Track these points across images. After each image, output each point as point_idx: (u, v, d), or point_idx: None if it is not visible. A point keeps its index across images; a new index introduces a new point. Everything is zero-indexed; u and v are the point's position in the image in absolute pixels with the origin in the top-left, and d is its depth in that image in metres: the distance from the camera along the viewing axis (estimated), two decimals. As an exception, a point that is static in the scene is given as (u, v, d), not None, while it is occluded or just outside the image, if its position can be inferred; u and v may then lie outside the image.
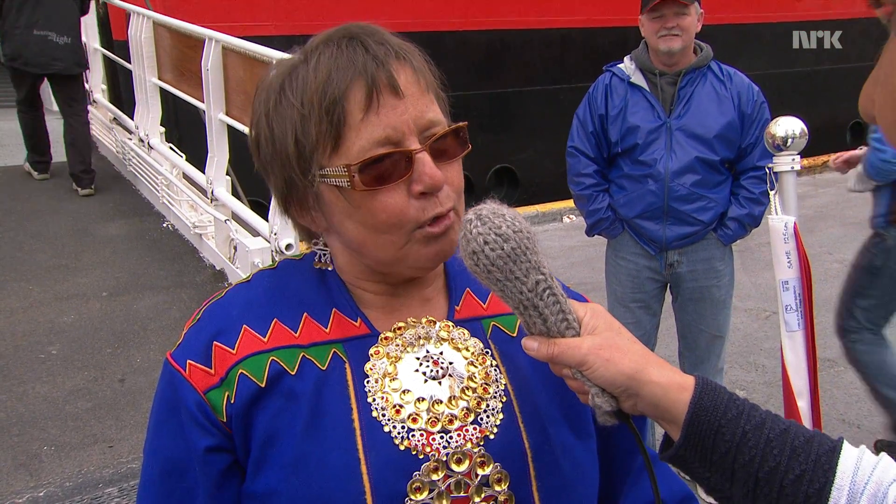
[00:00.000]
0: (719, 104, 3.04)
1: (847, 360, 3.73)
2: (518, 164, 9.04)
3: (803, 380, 2.56)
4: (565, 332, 0.83)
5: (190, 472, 0.89)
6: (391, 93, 0.86)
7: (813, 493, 0.76)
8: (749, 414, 0.80)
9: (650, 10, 2.96)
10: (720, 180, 3.07)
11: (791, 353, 2.57)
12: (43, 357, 3.88)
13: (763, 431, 0.79)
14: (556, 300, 0.83)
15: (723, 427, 0.79)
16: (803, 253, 2.55)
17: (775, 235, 2.57)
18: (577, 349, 0.82)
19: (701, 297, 3.19)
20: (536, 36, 8.93)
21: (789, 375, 2.58)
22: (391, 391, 0.90)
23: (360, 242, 0.91)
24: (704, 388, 0.81)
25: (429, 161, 0.87)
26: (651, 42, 3.01)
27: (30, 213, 5.90)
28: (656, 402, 0.82)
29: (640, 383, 0.81)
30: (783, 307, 2.57)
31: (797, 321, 2.55)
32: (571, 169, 3.21)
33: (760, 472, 0.78)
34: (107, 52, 7.35)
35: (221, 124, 4.57)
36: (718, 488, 0.82)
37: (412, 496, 0.86)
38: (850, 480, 0.77)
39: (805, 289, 2.54)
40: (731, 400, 0.81)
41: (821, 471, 0.77)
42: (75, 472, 2.98)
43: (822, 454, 0.78)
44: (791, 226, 2.54)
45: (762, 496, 0.78)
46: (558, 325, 0.83)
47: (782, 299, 2.57)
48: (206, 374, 0.89)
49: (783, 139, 2.52)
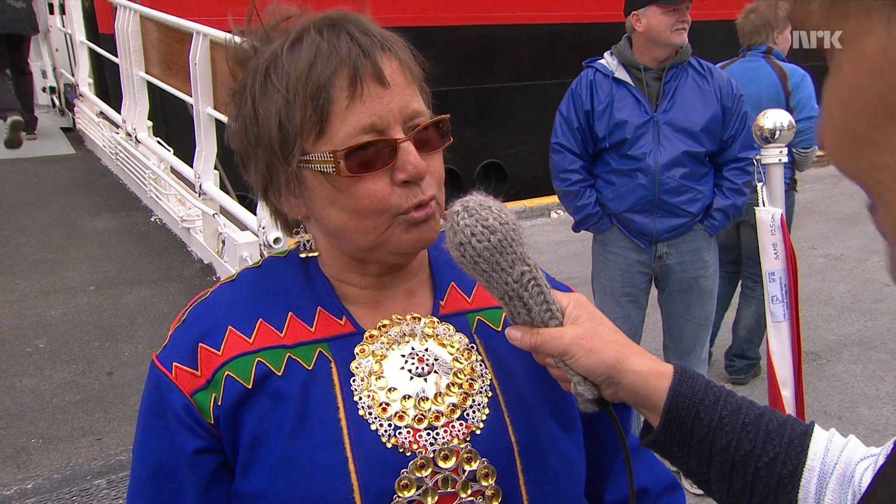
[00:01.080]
0: (703, 98, 3.08)
1: None
2: (506, 159, 9.07)
3: (788, 369, 2.61)
4: (549, 322, 0.85)
5: (178, 474, 0.89)
6: (377, 82, 0.86)
7: (786, 474, 0.79)
8: (725, 400, 0.83)
9: (667, 5, 2.97)
10: (705, 172, 3.12)
11: (776, 343, 2.62)
12: (30, 350, 3.87)
13: (739, 416, 0.82)
14: (541, 291, 0.84)
15: (700, 413, 0.82)
16: (790, 245, 2.59)
17: (763, 227, 2.61)
18: (560, 339, 0.83)
19: (689, 287, 3.24)
20: (524, 31, 8.94)
21: (774, 365, 2.63)
22: (377, 389, 0.91)
23: (342, 228, 0.91)
24: (683, 376, 0.84)
25: (413, 150, 0.88)
26: (662, 36, 3.00)
27: (16, 207, 5.87)
28: (636, 390, 0.84)
29: (620, 372, 0.83)
30: (769, 298, 2.61)
31: (783, 312, 2.59)
32: (556, 165, 3.22)
33: (736, 455, 0.80)
34: (93, 45, 7.30)
35: (209, 118, 4.56)
36: (696, 472, 0.84)
37: (400, 493, 0.87)
38: (821, 462, 0.79)
39: (791, 280, 2.59)
40: (709, 387, 0.84)
41: (793, 453, 0.80)
42: (63, 465, 2.98)
43: (795, 437, 0.81)
44: (778, 217, 2.58)
45: (738, 479, 0.81)
46: (542, 316, 0.85)
47: (769, 290, 2.62)
48: (193, 377, 0.89)
49: (771, 131, 2.56)
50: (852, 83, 0.42)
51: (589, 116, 3.12)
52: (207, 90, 4.50)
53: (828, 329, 4.96)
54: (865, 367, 4.40)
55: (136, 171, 6.09)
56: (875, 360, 4.48)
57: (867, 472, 0.77)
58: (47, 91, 8.74)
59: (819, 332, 4.94)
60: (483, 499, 0.90)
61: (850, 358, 4.56)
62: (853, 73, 0.42)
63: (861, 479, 0.77)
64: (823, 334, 4.90)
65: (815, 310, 5.29)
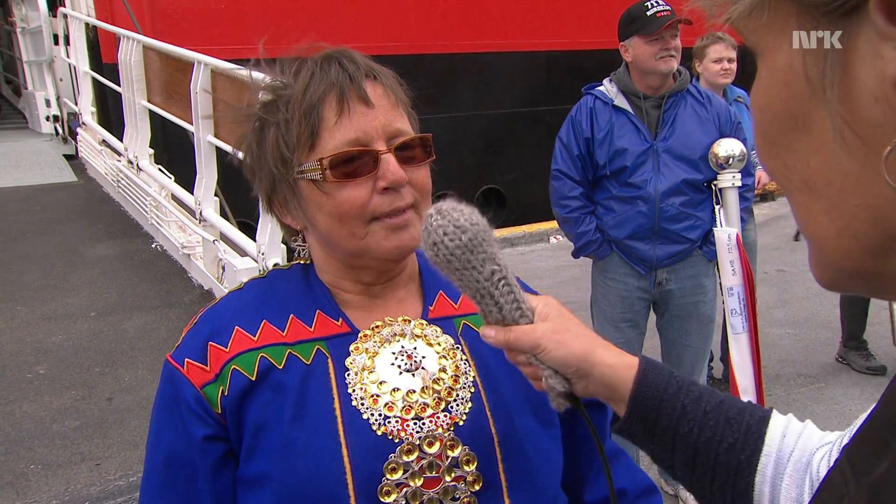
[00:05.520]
0: (702, 126, 3.11)
1: None
2: (505, 185, 9.12)
3: (749, 379, 2.73)
4: (519, 319, 0.89)
5: (190, 460, 0.97)
6: (362, 102, 0.98)
7: (744, 459, 0.82)
8: (688, 389, 0.86)
9: (646, 35, 3.01)
10: (703, 198, 3.15)
11: (737, 354, 2.76)
12: (31, 377, 3.87)
13: (700, 405, 0.85)
14: (511, 290, 0.88)
15: (664, 401, 0.85)
16: (746, 261, 2.74)
17: (720, 245, 2.77)
18: (530, 333, 0.87)
19: (688, 313, 3.25)
20: (522, 58, 9.05)
21: (735, 375, 2.76)
22: (369, 383, 1.00)
23: (328, 232, 1.01)
24: (648, 366, 0.87)
25: (393, 161, 0.98)
26: (648, 65, 3.04)
27: (18, 234, 5.90)
28: (606, 382, 0.87)
29: (591, 364, 0.87)
30: (729, 311, 2.76)
31: (742, 324, 2.72)
32: (556, 192, 3.24)
33: (698, 442, 0.83)
34: (96, 74, 7.39)
35: (210, 146, 4.61)
36: (661, 458, 0.87)
37: (388, 476, 0.95)
38: (777, 448, 0.82)
39: (748, 294, 2.70)
40: (672, 376, 0.87)
41: (751, 439, 0.83)
42: (62, 491, 2.98)
43: (753, 423, 0.84)
44: (734, 237, 2.74)
45: (700, 465, 0.84)
46: (513, 314, 0.88)
47: (728, 304, 2.76)
48: (203, 371, 0.98)
49: (725, 158, 2.74)
50: (767, 90, 0.46)
51: (589, 144, 3.15)
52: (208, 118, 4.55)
53: (825, 352, 4.95)
54: (864, 391, 4.40)
55: (138, 198, 6.14)
56: (874, 384, 4.47)
57: (823, 461, 0.79)
58: (51, 119, 8.82)
59: (816, 355, 4.95)
60: (465, 483, 0.98)
61: (849, 381, 4.55)
62: (768, 81, 0.46)
63: (819, 468, 0.79)
64: (821, 357, 4.90)
65: (813, 333, 5.29)
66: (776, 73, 0.45)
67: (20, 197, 6.79)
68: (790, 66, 0.44)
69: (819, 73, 0.42)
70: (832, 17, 0.40)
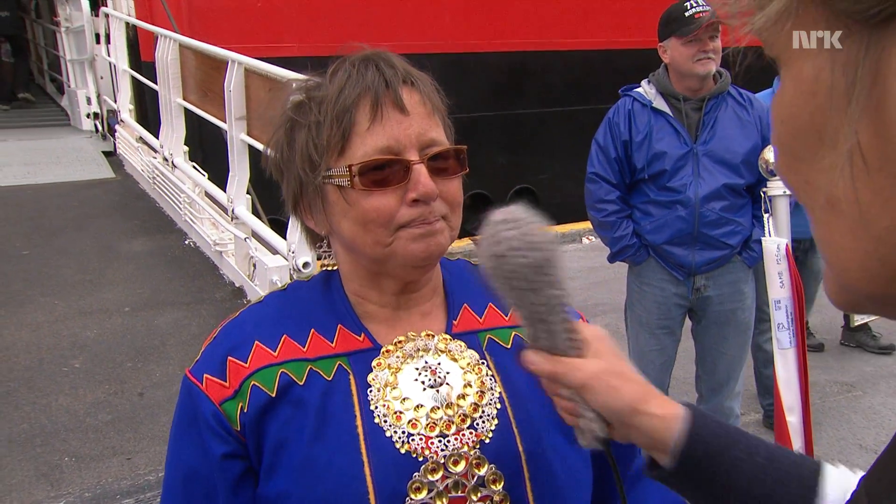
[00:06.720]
0: (742, 129, 3.03)
1: None
2: (537, 185, 9.06)
3: (794, 396, 2.63)
4: (568, 350, 0.82)
5: (209, 478, 0.95)
6: (396, 109, 0.94)
7: None
8: (740, 441, 0.81)
9: (683, 36, 2.93)
10: (743, 203, 3.07)
11: (783, 370, 2.67)
12: (66, 370, 3.94)
13: (754, 459, 0.80)
14: (566, 318, 0.81)
15: (716, 455, 0.80)
16: (795, 273, 2.62)
17: (768, 256, 2.67)
18: (580, 370, 0.81)
19: (726, 320, 3.17)
20: (557, 58, 8.98)
21: (780, 391, 2.66)
22: (392, 399, 0.96)
23: (352, 239, 0.97)
24: (697, 418, 0.82)
25: (424, 172, 0.94)
26: (685, 67, 2.96)
27: (57, 230, 6.01)
28: (652, 434, 0.81)
29: (639, 413, 0.80)
30: (776, 325, 2.66)
31: (789, 339, 2.62)
32: (592, 195, 3.16)
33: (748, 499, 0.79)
34: (134, 73, 7.51)
35: (243, 144, 4.65)
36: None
37: (412, 496, 0.92)
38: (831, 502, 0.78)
39: (796, 308, 2.60)
40: (723, 428, 0.82)
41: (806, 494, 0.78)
42: (94, 484, 3.02)
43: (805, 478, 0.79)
44: (783, 248, 2.63)
45: None
46: (564, 344, 0.82)
47: (775, 317, 2.66)
48: (222, 387, 0.95)
49: None
50: (790, 101, 0.43)
51: (627, 146, 3.07)
52: (241, 116, 4.59)
53: (864, 360, 4.83)
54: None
55: (172, 195, 6.21)
56: (916, 394, 4.35)
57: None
58: (91, 117, 8.98)
59: (855, 363, 4.82)
60: (491, 503, 0.94)
61: (888, 390, 4.42)
62: (792, 92, 0.43)
63: None
64: (860, 365, 4.77)
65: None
66: (801, 84, 0.42)
67: (60, 193, 6.92)
68: (816, 76, 0.41)
69: (848, 85, 0.39)
70: (866, 26, 0.37)
